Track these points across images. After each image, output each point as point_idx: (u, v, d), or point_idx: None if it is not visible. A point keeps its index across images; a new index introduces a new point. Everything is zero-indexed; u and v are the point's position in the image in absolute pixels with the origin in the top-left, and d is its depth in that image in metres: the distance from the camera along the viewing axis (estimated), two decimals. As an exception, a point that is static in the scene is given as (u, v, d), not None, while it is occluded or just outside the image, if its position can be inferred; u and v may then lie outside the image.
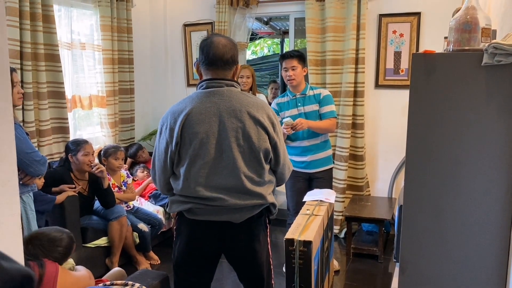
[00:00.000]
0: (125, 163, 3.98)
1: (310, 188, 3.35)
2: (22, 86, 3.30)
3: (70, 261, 2.13)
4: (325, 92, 3.32)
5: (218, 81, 1.92)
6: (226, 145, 1.86)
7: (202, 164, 1.87)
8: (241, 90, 2.00)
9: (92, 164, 3.29)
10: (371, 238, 3.94)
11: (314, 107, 3.26)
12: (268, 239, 2.13)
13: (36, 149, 2.49)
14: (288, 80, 3.24)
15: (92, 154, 3.36)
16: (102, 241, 3.39)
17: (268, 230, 2.13)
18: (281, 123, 3.27)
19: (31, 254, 1.84)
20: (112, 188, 3.57)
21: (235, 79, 2.00)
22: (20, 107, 3.30)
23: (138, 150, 4.40)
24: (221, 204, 1.89)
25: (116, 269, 2.50)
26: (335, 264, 3.47)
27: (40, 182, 2.78)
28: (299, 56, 3.25)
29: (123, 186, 3.74)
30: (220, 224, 1.95)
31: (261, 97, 4.28)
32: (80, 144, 3.30)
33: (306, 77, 3.41)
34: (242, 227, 1.96)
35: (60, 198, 3.09)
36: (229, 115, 1.87)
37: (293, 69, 3.21)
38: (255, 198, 1.93)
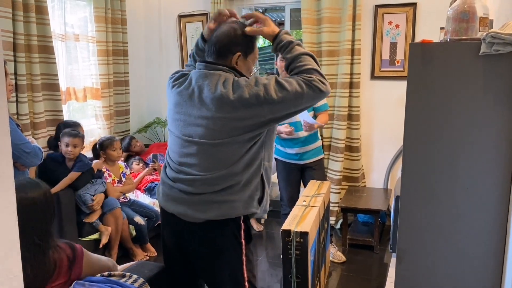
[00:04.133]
0: (121, 154, 3.98)
1: (303, 178, 3.40)
2: (15, 78, 3.27)
3: None
4: None
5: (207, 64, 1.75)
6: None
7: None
8: None
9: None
10: (367, 229, 3.96)
11: None
12: None
13: (28, 140, 2.44)
14: None
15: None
16: (98, 235, 3.38)
17: None
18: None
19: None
20: (113, 184, 3.57)
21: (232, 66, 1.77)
22: (14, 99, 3.27)
23: (131, 141, 4.42)
24: None
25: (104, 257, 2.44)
26: (340, 255, 3.51)
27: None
28: None
29: (122, 178, 3.74)
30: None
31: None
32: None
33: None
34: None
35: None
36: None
37: None
38: None
